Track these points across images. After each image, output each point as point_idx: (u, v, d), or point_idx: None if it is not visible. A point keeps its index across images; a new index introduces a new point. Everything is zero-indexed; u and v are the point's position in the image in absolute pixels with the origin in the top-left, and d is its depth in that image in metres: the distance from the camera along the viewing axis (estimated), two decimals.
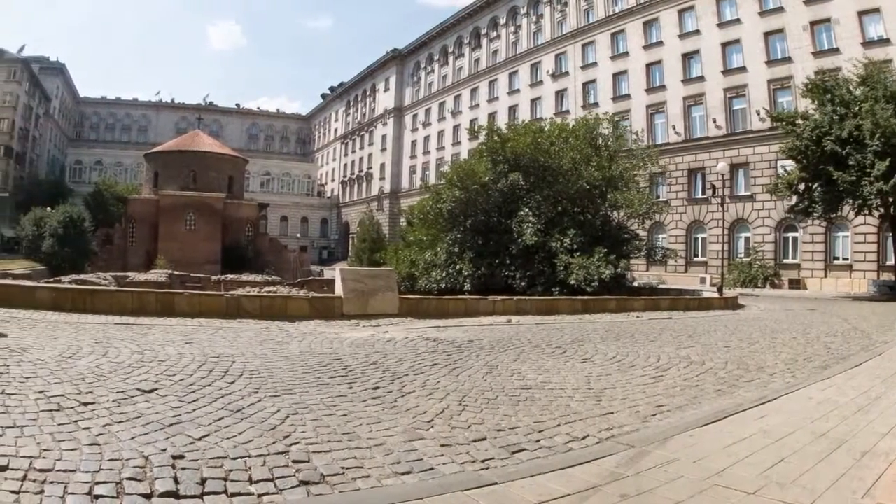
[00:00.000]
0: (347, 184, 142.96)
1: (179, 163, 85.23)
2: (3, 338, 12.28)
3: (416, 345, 14.08)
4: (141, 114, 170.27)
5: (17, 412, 7.06)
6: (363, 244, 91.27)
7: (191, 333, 14.64)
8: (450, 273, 36.75)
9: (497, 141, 38.67)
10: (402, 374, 10.55)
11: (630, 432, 7.50)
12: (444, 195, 37.95)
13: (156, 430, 6.71)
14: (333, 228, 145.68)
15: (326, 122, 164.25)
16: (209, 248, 77.48)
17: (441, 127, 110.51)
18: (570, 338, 16.51)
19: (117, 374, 9.49)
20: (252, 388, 8.97)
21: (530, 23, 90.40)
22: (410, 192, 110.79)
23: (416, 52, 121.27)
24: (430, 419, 7.74)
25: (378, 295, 21.19)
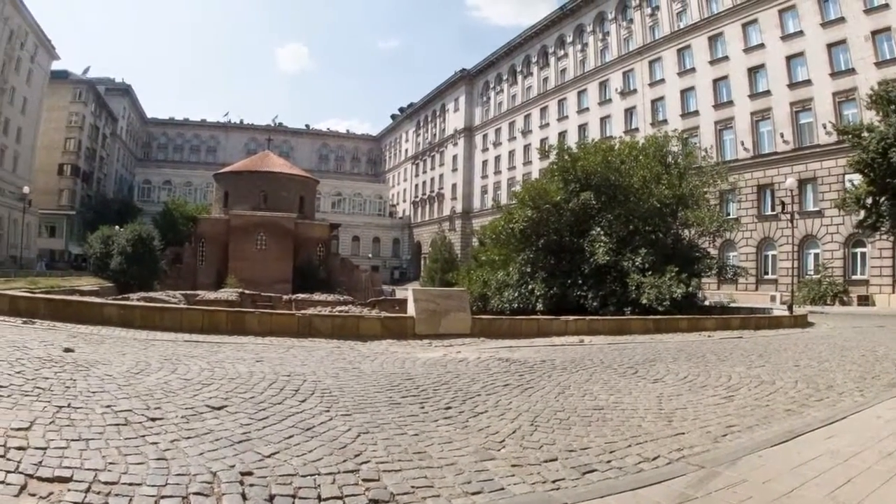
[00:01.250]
0: (419, 204, 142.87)
1: (250, 183, 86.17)
2: (70, 352, 12.41)
3: (489, 365, 14.04)
4: (210, 135, 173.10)
5: (82, 425, 7.19)
6: (435, 264, 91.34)
7: (262, 352, 14.75)
8: (522, 293, 36.69)
9: (568, 160, 38.48)
10: (474, 394, 10.54)
11: (700, 453, 7.47)
12: (516, 215, 37.67)
13: (224, 446, 6.81)
14: (405, 248, 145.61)
15: (397, 142, 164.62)
16: (280, 267, 77.83)
17: (511, 147, 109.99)
18: (641, 358, 16.42)
19: (186, 390, 9.63)
20: (323, 406, 9.03)
21: (597, 40, 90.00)
22: (482, 211, 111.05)
23: (485, 71, 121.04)
24: (501, 439, 7.74)
25: (450, 315, 21.10)
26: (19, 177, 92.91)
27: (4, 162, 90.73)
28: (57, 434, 6.77)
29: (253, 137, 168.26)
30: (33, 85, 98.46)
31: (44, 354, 11.85)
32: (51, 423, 7.14)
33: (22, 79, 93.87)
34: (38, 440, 6.52)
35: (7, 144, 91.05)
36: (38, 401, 8.13)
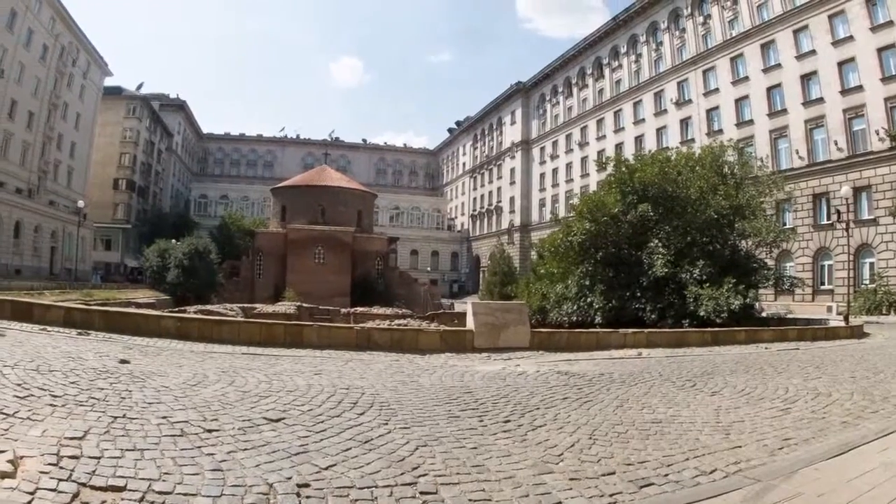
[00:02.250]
0: (477, 217, 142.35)
1: (308, 197, 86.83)
2: (126, 364, 12.52)
3: (548, 378, 14.02)
4: (266, 149, 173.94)
5: (137, 436, 7.27)
6: (494, 277, 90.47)
7: (320, 365, 14.75)
8: (580, 306, 36.60)
9: (625, 172, 38.35)
10: (532, 408, 10.52)
11: (757, 466, 7.44)
12: (575, 228, 37.65)
13: (282, 458, 6.84)
14: (464, 262, 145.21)
15: (454, 156, 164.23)
16: (338, 281, 78.13)
17: (569, 159, 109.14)
18: (699, 370, 16.39)
19: (244, 402, 9.68)
20: (381, 419, 9.02)
21: (651, 51, 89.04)
22: (540, 224, 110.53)
23: (540, 84, 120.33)
24: (560, 453, 7.75)
25: (509, 328, 21.05)
26: (73, 191, 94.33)
27: (58, 176, 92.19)
28: (111, 444, 6.85)
29: (310, 152, 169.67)
30: (86, 101, 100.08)
31: (99, 365, 11.96)
32: (105, 433, 7.22)
33: (74, 95, 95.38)
34: (92, 449, 6.59)
35: (61, 159, 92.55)
36: (93, 411, 8.22)
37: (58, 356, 12.68)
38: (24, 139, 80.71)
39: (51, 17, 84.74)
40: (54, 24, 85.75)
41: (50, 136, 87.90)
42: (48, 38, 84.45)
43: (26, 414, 7.77)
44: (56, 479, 5.74)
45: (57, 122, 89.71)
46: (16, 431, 7.04)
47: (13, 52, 74.97)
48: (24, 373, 10.38)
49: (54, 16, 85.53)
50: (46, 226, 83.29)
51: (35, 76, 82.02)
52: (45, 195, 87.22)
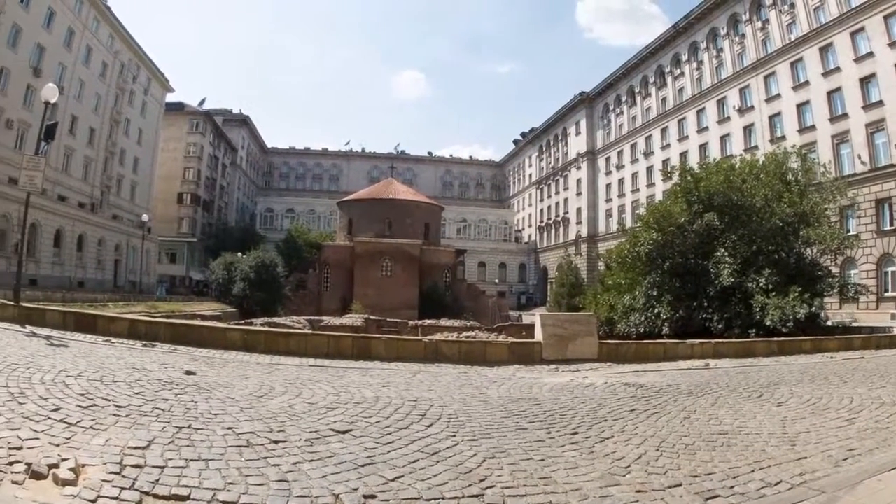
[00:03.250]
0: (544, 229, 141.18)
1: (374, 210, 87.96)
2: (192, 375, 12.63)
3: (615, 390, 14.03)
4: (332, 163, 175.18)
5: (202, 446, 7.37)
6: (561, 289, 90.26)
7: (388, 377, 14.79)
8: (648, 317, 36.40)
9: (690, 181, 38.14)
10: (600, 420, 10.53)
11: (821, 477, 7.39)
12: (642, 238, 37.52)
13: (348, 469, 6.89)
14: (531, 273, 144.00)
15: (520, 167, 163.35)
16: (406, 293, 78.49)
17: (634, 169, 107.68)
18: (766, 381, 16.25)
19: (311, 414, 9.73)
20: (449, 431, 9.05)
21: (711, 57, 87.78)
22: (607, 235, 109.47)
23: (604, 93, 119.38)
24: (627, 465, 7.76)
25: (577, 340, 20.97)
26: (137, 205, 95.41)
27: (122, 191, 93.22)
28: (176, 454, 6.95)
29: (375, 165, 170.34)
30: (148, 116, 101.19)
31: (164, 376, 12.11)
32: (170, 443, 7.32)
33: (136, 110, 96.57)
34: (156, 459, 6.69)
35: (124, 174, 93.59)
36: (157, 421, 8.33)
37: (122, 367, 12.87)
38: (86, 154, 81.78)
39: (109, 35, 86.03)
40: (113, 42, 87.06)
41: (112, 152, 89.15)
42: (107, 55, 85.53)
43: (89, 423, 7.90)
44: (118, 488, 5.83)
45: (119, 138, 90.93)
46: (78, 440, 7.16)
47: (72, 70, 76.08)
48: (87, 383, 10.55)
49: (112, 34, 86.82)
50: (110, 239, 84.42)
51: (95, 93, 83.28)
52: (109, 209, 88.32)
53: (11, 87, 63.56)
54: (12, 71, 63.52)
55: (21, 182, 23.52)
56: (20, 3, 63.66)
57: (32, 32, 66.36)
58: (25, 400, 8.88)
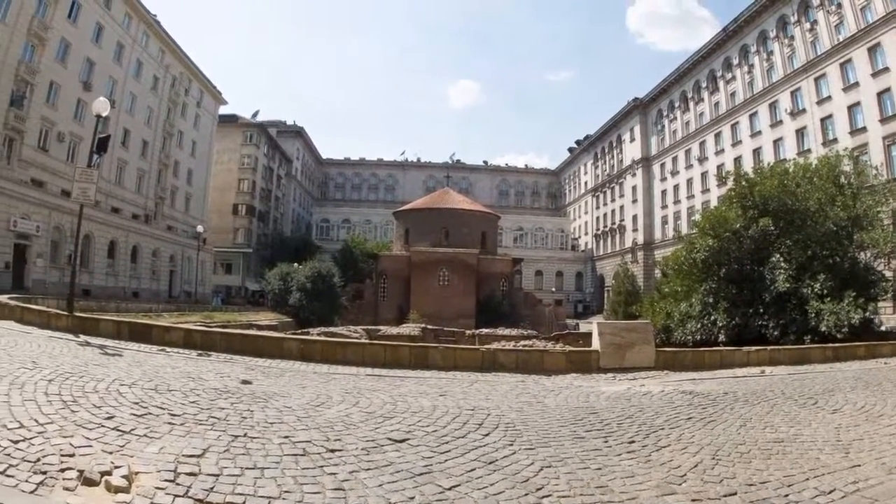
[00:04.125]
0: (600, 237, 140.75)
1: (431, 220, 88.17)
2: (248, 384, 12.70)
3: (672, 398, 13.99)
4: (387, 173, 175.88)
5: (258, 454, 7.42)
6: (618, 297, 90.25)
7: (445, 386, 14.83)
8: (704, 324, 35.92)
9: (745, 186, 37.80)
10: (657, 428, 10.52)
11: (875, 485, 7.36)
12: (697, 244, 37.22)
13: (405, 478, 6.91)
14: (588, 282, 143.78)
15: (576, 175, 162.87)
16: (463, 302, 78.64)
17: (689, 175, 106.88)
18: (821, 388, 16.13)
19: (368, 423, 9.75)
20: (507, 440, 9.04)
21: (762, 60, 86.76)
22: (663, 242, 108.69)
23: (657, 99, 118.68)
24: (683, 473, 7.76)
25: (634, 348, 20.89)
26: (192, 216, 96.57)
27: (176, 202, 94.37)
28: (231, 462, 7.02)
29: (431, 175, 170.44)
30: (201, 129, 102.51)
31: (220, 386, 12.23)
32: (225, 452, 7.38)
33: (189, 123, 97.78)
34: (211, 467, 6.76)
35: (178, 185, 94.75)
36: (213, 430, 8.40)
37: (177, 376, 12.99)
38: (140, 167, 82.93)
39: (159, 49, 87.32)
40: (163, 56, 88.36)
41: (166, 164, 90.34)
42: (158, 68, 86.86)
43: (143, 431, 7.99)
44: (172, 495, 5.91)
45: (173, 150, 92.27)
46: (132, 448, 7.24)
47: (123, 83, 77.19)
48: (142, 392, 10.68)
49: (162, 47, 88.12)
50: (165, 250, 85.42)
51: (147, 106, 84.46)
52: (163, 220, 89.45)
53: (61, 101, 64.33)
54: (62, 85, 64.35)
55: (74, 194, 23.71)
56: (68, 18, 64.45)
57: (81, 47, 67.30)
58: (78, 408, 8.97)
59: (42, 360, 13.44)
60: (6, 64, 55.97)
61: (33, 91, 59.88)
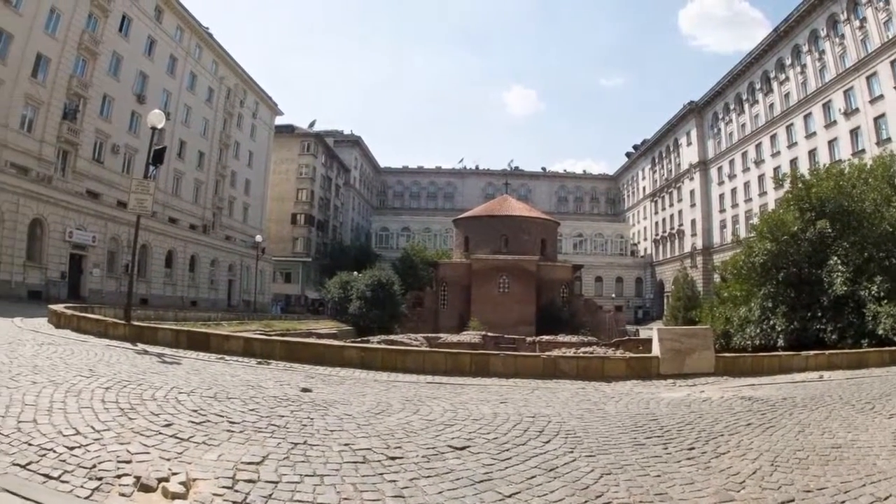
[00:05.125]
0: (659, 242, 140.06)
1: (490, 227, 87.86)
2: (308, 392, 12.73)
3: (732, 404, 13.85)
4: (446, 181, 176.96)
5: (318, 462, 7.43)
6: (678, 302, 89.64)
7: (506, 393, 14.74)
8: (763, 329, 35.86)
9: (801, 188, 37.51)
10: (717, 435, 10.42)
11: None
12: (756, 248, 37.04)
13: (465, 485, 6.92)
14: (648, 287, 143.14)
15: (634, 180, 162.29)
16: (523, 309, 78.08)
17: (746, 178, 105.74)
18: (878, 392, 15.93)
19: (428, 430, 9.75)
20: (567, 447, 9.02)
21: (814, 60, 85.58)
22: (722, 247, 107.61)
23: (712, 102, 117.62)
24: (741, 480, 7.70)
25: (694, 354, 20.70)
26: (250, 226, 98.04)
27: (234, 212, 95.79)
28: (290, 469, 7.05)
29: (490, 182, 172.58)
30: (258, 139, 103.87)
31: (280, 393, 12.28)
32: (284, 459, 7.43)
33: (245, 134, 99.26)
34: (270, 474, 6.80)
35: (236, 196, 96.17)
36: (272, 437, 8.44)
37: (236, 384, 13.10)
38: (196, 177, 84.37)
39: (213, 61, 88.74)
40: (217, 68, 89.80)
41: (223, 174, 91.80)
42: (212, 80, 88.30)
43: (202, 439, 8.06)
44: (230, 502, 5.97)
45: (229, 161, 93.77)
46: (190, 455, 7.30)
47: (177, 95, 78.62)
48: (200, 400, 10.77)
49: (216, 60, 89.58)
50: (223, 259, 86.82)
51: (202, 117, 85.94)
52: (221, 230, 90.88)
53: (115, 113, 65.49)
54: (116, 98, 65.70)
55: (130, 205, 23.93)
56: (118, 32, 65.60)
57: (133, 60, 68.77)
58: (136, 415, 9.08)
59: (99, 368, 13.63)
60: (58, 78, 56.97)
61: (86, 104, 60.84)
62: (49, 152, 56.65)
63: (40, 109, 55.75)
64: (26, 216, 50.16)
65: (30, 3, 53.31)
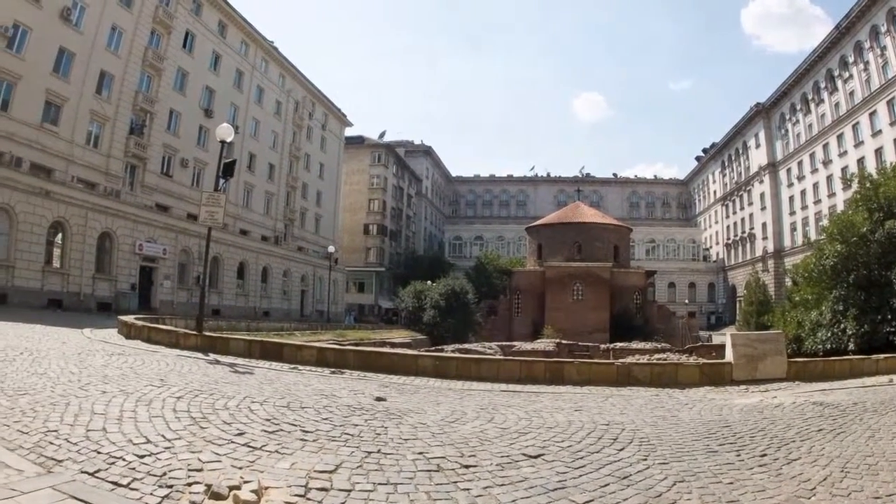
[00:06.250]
0: (731, 246, 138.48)
1: (563, 234, 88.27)
2: (382, 401, 12.73)
3: (803, 409, 13.75)
4: (518, 189, 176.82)
5: (391, 470, 7.43)
6: (750, 307, 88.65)
7: (580, 401, 14.72)
8: (834, 333, 35.01)
9: (869, 188, 37.09)
10: (788, 441, 10.33)
11: None
12: (826, 251, 36.31)
13: (538, 493, 6.89)
14: (720, 292, 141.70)
15: (704, 184, 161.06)
16: (596, 316, 78.41)
17: (815, 179, 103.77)
18: None
19: (503, 439, 9.70)
20: (640, 455, 8.99)
21: (876, 56, 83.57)
22: (792, 250, 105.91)
23: (779, 103, 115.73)
24: (812, 487, 7.62)
25: (767, 359, 20.60)
26: (322, 237, 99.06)
27: (306, 223, 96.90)
28: (363, 478, 7.07)
29: (561, 189, 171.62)
30: (328, 151, 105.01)
31: (353, 403, 12.30)
32: (357, 468, 7.44)
33: (315, 146, 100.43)
34: (343, 482, 6.83)
35: (307, 207, 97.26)
36: (346, 446, 8.46)
37: (310, 393, 13.15)
38: (267, 189, 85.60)
39: (279, 75, 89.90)
40: (284, 81, 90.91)
41: (294, 186, 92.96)
42: (280, 93, 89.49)
43: (274, 447, 8.09)
44: None
45: (300, 172, 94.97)
46: (262, 464, 7.34)
47: (245, 109, 79.93)
48: (273, 409, 10.81)
49: (282, 73, 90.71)
50: (296, 270, 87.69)
51: (271, 130, 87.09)
52: (293, 241, 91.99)
53: (183, 128, 66.88)
54: (183, 113, 67.01)
55: (201, 218, 24.25)
56: (182, 48, 66.99)
57: (199, 76, 70.13)
58: (208, 424, 9.15)
59: (171, 377, 13.76)
60: (123, 94, 58.15)
61: (153, 119, 62.14)
62: (116, 167, 57.70)
63: (106, 125, 56.96)
64: (95, 229, 51.26)
65: (90, 21, 54.62)
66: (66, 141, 52.49)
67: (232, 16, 76.78)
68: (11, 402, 9.75)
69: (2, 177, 43.58)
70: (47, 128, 50.98)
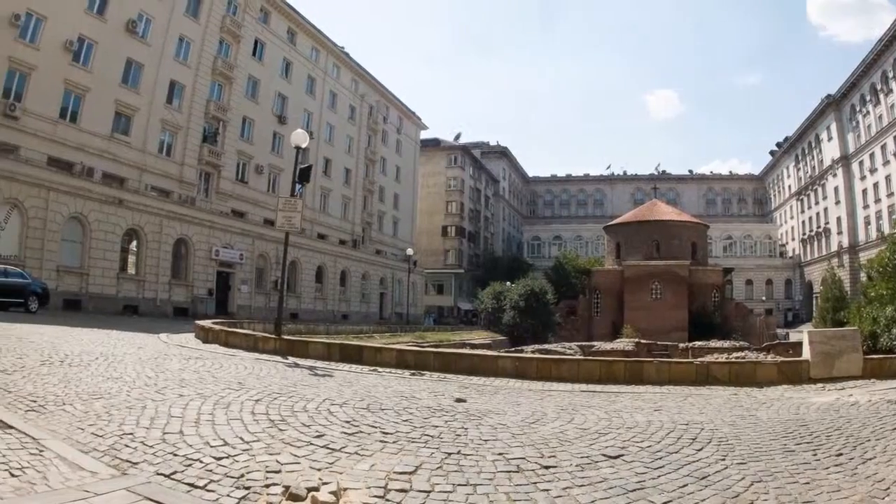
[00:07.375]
0: (807, 241, 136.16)
1: (641, 233, 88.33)
2: (462, 402, 12.72)
3: (878, 408, 13.53)
4: (595, 188, 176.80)
5: (471, 471, 7.41)
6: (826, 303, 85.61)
7: (659, 401, 14.63)
8: None
9: None
10: (864, 440, 10.18)
11: None
12: None
13: (617, 494, 6.87)
14: (797, 289, 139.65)
15: (779, 179, 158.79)
16: (675, 315, 78.27)
17: (887, 171, 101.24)
18: None
19: (582, 439, 9.67)
20: (719, 455, 8.94)
21: None
22: (867, 244, 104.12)
23: (848, 94, 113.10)
24: (886, 486, 7.53)
25: (843, 356, 20.25)
26: (400, 239, 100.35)
27: (383, 226, 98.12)
28: (443, 479, 7.08)
29: (638, 187, 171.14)
30: (404, 154, 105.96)
31: (433, 404, 12.31)
32: (437, 469, 7.44)
33: (391, 149, 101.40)
34: (422, 483, 6.84)
35: (385, 210, 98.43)
36: (426, 447, 8.46)
37: (389, 395, 13.13)
38: (344, 194, 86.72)
39: (352, 80, 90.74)
40: (357, 85, 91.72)
41: (370, 190, 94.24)
42: (353, 98, 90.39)
43: (354, 449, 8.13)
44: None
45: (376, 176, 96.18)
46: (341, 465, 7.38)
47: (318, 114, 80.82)
48: (353, 411, 10.83)
49: (355, 78, 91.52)
50: (374, 273, 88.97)
51: (346, 135, 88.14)
52: (371, 245, 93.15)
53: (256, 134, 68.03)
54: (256, 120, 68.18)
55: (278, 223, 24.42)
56: (252, 56, 68.04)
57: (270, 83, 71.10)
58: (286, 427, 9.20)
59: (249, 381, 13.87)
60: (194, 103, 59.33)
61: (226, 127, 63.33)
62: (190, 174, 58.76)
63: (178, 134, 58.18)
64: (170, 236, 52.45)
65: (157, 32, 55.81)
66: (138, 150, 53.66)
67: (300, 23, 77.65)
68: (86, 406, 9.91)
69: (74, 187, 44.68)
70: (118, 138, 52.14)
